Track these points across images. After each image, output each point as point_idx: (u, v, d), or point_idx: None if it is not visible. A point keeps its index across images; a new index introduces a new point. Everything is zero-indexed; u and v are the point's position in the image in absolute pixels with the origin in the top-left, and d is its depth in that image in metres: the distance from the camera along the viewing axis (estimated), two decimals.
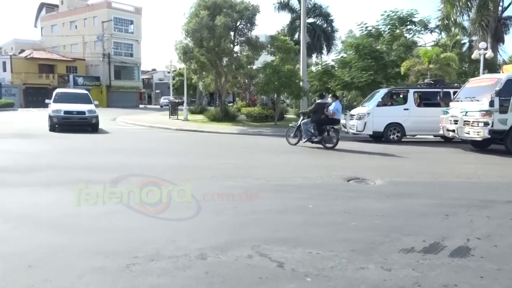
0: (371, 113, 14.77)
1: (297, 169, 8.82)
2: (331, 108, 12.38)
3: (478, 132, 11.55)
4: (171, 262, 3.60)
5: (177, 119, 26.07)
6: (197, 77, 28.96)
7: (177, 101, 29.08)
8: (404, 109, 14.97)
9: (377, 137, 15.05)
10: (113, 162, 9.15)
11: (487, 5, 24.64)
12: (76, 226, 4.65)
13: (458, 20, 26.37)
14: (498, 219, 5.15)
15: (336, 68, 28.51)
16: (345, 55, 27.77)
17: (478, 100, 11.79)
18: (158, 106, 50.26)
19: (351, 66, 25.27)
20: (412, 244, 4.11)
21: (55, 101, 17.10)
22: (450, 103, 13.32)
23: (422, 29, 28.13)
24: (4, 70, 47.23)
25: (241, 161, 9.87)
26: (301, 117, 12.96)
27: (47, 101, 17.79)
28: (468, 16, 26.19)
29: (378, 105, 15.01)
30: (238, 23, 23.14)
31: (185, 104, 27.65)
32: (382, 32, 27.47)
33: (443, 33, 30.32)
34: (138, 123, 22.88)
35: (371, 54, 24.80)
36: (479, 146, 12.91)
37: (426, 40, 30.32)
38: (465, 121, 11.97)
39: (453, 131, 12.45)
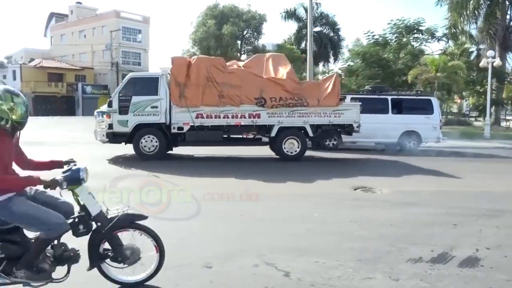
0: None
1: (301, 178, 8.76)
2: None
3: (103, 135, 10.58)
4: (176, 271, 3.58)
5: None
6: None
7: None
8: None
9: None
10: None
11: (494, 13, 24.58)
12: None
13: (465, 29, 26.30)
14: (508, 228, 5.07)
15: (342, 77, 28.51)
16: (351, 64, 27.82)
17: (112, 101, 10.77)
18: None
19: (358, 75, 25.30)
20: (419, 254, 4.05)
21: None
22: None
23: (429, 37, 28.09)
24: (14, 78, 47.78)
25: (245, 174, 9.82)
26: None
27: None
28: (476, 24, 26.12)
29: None
30: (245, 32, 23.34)
31: None
32: (389, 41, 27.47)
33: (450, 42, 30.27)
34: None
35: (378, 63, 24.81)
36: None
37: (433, 49, 30.22)
38: (99, 122, 10.90)
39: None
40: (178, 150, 11.59)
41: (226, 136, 11.02)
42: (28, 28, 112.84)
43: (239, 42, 23.65)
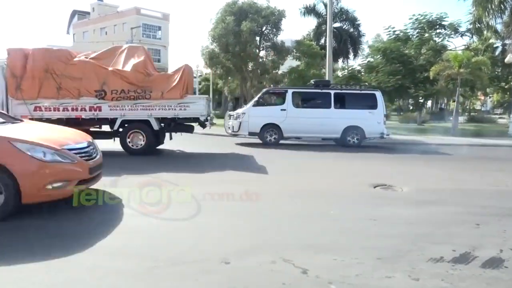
0: (247, 113, 13.82)
1: (320, 174, 8.71)
2: None
3: None
4: (193, 266, 3.60)
5: None
6: (223, 82, 29.17)
7: None
8: (281, 110, 13.81)
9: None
10: None
11: None
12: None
13: (490, 23, 25.49)
14: None
15: (362, 73, 28.20)
16: (372, 60, 27.44)
17: None
18: None
19: (378, 71, 24.94)
20: (441, 253, 3.97)
21: None
22: None
23: (452, 32, 27.48)
24: None
25: (265, 166, 9.82)
26: None
27: None
28: (501, 19, 25.30)
29: (254, 105, 14.11)
30: (264, 28, 23.26)
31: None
32: (410, 36, 26.99)
33: (474, 37, 29.49)
34: None
35: (398, 59, 24.41)
36: None
37: (456, 44, 29.54)
38: None
39: None
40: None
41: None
42: (52, 26, 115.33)
43: (258, 38, 23.59)
